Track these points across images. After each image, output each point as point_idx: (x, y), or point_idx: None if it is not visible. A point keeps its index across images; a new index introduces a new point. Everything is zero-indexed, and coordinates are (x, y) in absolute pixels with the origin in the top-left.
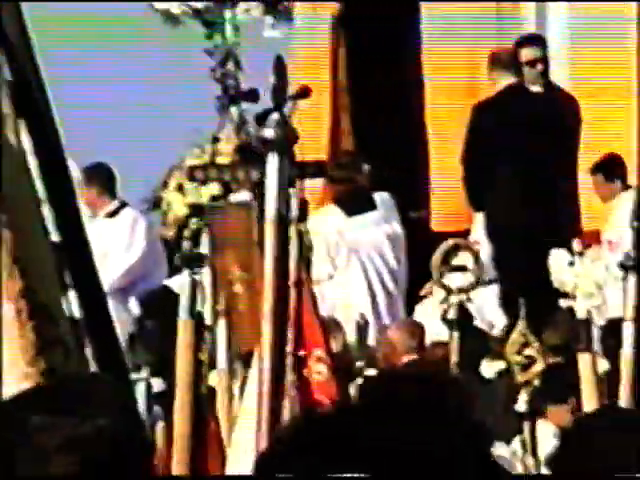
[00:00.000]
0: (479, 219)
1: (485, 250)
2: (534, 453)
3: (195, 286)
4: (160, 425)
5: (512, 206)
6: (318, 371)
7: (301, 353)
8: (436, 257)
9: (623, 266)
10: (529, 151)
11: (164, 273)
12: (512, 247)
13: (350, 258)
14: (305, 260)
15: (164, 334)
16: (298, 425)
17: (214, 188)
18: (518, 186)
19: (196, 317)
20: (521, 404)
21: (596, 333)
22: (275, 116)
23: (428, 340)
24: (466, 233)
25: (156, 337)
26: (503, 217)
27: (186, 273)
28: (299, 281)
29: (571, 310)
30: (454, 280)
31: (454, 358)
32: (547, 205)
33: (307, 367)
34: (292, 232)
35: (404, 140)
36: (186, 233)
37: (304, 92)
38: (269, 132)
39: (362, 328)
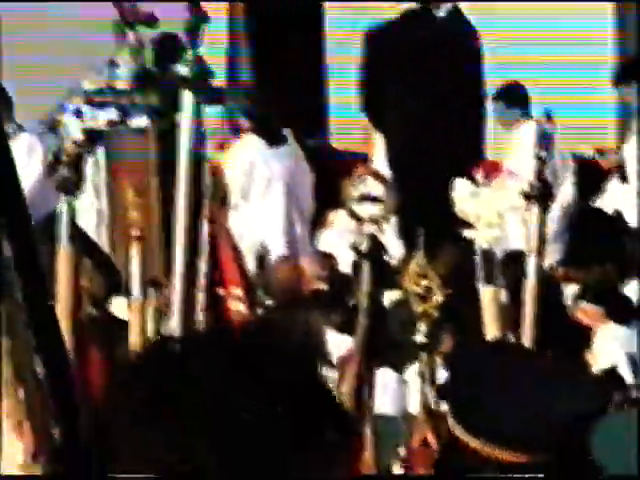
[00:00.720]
0: (379, 146)
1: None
2: (432, 384)
3: (73, 211)
4: None
5: (411, 133)
6: (237, 310)
7: (220, 292)
8: (347, 186)
9: (526, 196)
10: (428, 75)
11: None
12: (411, 176)
13: (270, 188)
14: (220, 196)
15: None
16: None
17: (111, 113)
18: (417, 112)
19: (75, 243)
20: (419, 335)
21: (496, 264)
22: (190, 53)
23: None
24: (366, 156)
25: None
26: (402, 144)
27: (63, 198)
28: (213, 218)
29: (472, 241)
30: (365, 210)
31: (365, 289)
32: (448, 132)
33: (226, 306)
34: (206, 167)
35: (302, 67)
36: (65, 158)
37: (201, 17)
38: (184, 69)
39: (264, 257)
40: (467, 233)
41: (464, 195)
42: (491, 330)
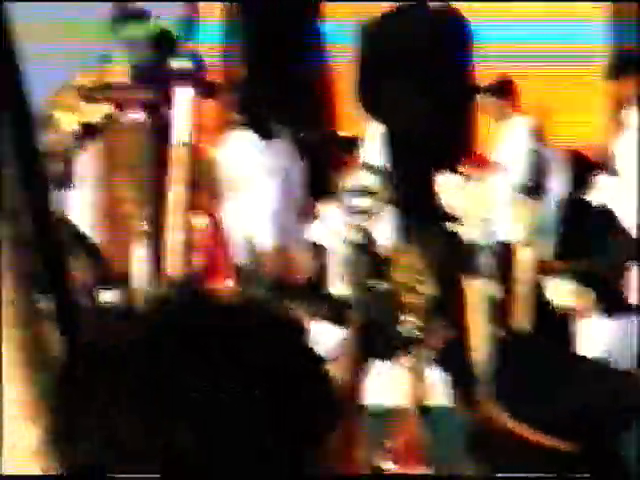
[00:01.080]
0: (372, 137)
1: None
2: (420, 378)
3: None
4: None
5: (402, 126)
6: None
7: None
8: (340, 178)
9: (518, 189)
10: (420, 67)
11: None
12: (402, 168)
13: (261, 180)
14: (213, 188)
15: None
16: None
17: (105, 107)
18: (411, 103)
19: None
20: (406, 327)
21: (484, 256)
22: (184, 48)
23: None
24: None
25: None
26: (393, 136)
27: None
28: (206, 210)
29: (461, 234)
30: (357, 202)
31: (357, 281)
32: (437, 124)
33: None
34: (199, 161)
35: (293, 61)
36: (57, 151)
37: (193, 11)
38: (179, 64)
39: (254, 248)
40: (455, 226)
41: (451, 189)
42: (478, 321)
